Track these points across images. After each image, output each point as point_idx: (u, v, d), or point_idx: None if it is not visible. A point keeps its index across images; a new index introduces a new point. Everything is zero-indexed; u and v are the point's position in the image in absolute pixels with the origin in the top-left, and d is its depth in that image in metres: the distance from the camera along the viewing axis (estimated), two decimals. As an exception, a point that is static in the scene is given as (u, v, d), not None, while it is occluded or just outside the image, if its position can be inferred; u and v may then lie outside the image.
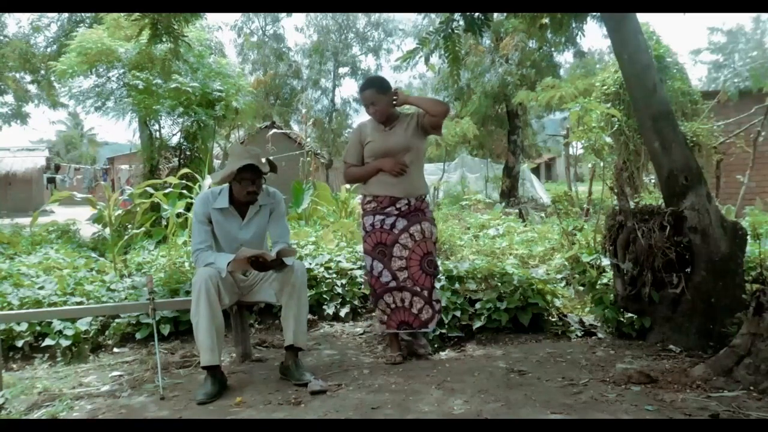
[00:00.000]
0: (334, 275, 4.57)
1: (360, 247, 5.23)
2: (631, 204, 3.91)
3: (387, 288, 3.36)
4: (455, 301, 3.81)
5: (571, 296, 4.37)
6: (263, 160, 3.14)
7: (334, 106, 28.05)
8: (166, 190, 6.61)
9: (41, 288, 4.18)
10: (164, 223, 6.69)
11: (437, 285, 3.53)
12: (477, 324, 3.71)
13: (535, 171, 25.78)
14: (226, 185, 3.15)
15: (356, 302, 4.52)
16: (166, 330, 3.86)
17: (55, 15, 13.97)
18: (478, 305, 3.80)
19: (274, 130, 15.22)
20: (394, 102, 3.41)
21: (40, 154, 26.37)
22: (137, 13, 4.26)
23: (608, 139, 6.19)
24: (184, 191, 6.63)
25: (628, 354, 3.31)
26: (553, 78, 13.91)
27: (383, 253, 3.37)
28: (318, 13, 25.73)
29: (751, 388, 2.58)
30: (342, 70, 28.32)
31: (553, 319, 3.93)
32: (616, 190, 3.91)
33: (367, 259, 3.44)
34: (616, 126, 8.27)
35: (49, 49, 14.27)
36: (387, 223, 3.36)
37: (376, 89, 3.37)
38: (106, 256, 5.95)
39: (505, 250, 5.98)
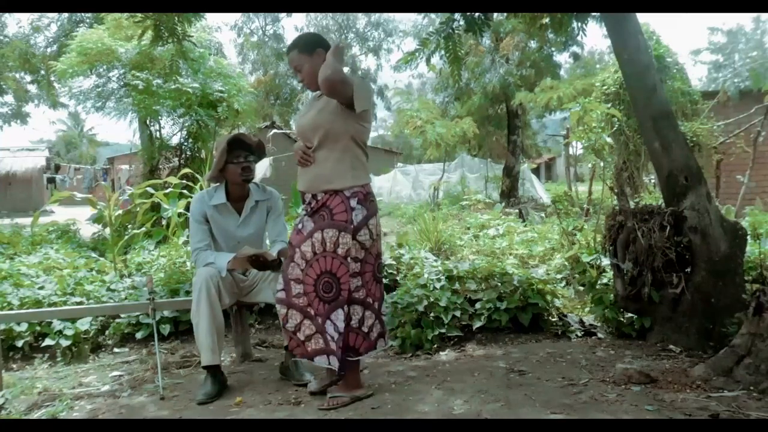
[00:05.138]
0: (334, 275, 4.56)
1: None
2: (631, 204, 3.91)
3: (276, 298, 2.78)
4: (455, 301, 3.81)
5: (571, 296, 4.37)
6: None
7: (334, 106, 28.00)
8: (167, 190, 6.61)
9: (41, 288, 4.18)
10: (164, 223, 6.69)
11: (343, 318, 2.61)
12: (477, 324, 3.71)
13: (535, 171, 25.79)
14: (222, 184, 3.17)
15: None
16: (166, 330, 3.86)
17: (55, 15, 13.98)
18: (478, 305, 3.80)
19: (274, 130, 15.24)
20: None
21: (40, 154, 26.35)
22: (140, 15, 4.26)
23: (608, 139, 6.19)
24: (185, 191, 6.63)
25: (628, 354, 3.31)
26: (553, 78, 13.91)
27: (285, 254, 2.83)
28: (318, 13, 25.76)
29: (751, 388, 2.58)
30: (342, 70, 28.30)
31: (553, 319, 3.93)
32: (616, 190, 3.91)
33: None
34: (616, 126, 8.27)
35: (49, 49, 14.29)
36: (302, 221, 2.75)
37: (298, 50, 2.70)
38: (106, 256, 5.95)
39: (505, 250, 5.98)
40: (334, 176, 2.62)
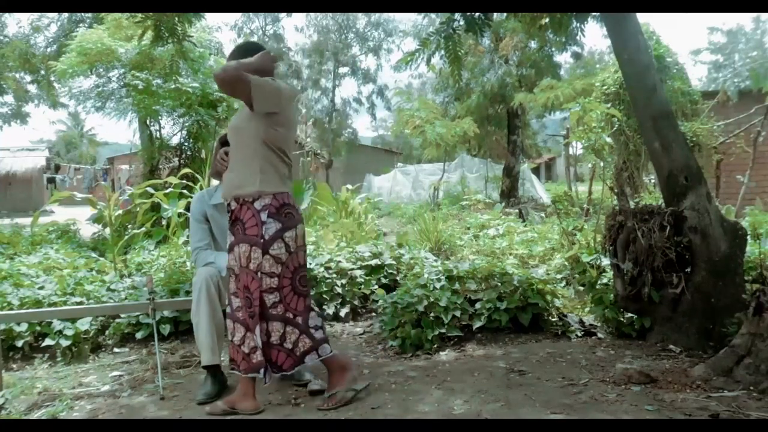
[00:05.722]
0: (334, 275, 4.57)
1: (360, 248, 5.24)
2: (631, 204, 3.91)
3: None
4: (455, 301, 3.81)
5: (571, 296, 4.37)
6: None
7: (334, 106, 28.14)
8: (167, 190, 6.61)
9: (41, 288, 4.17)
10: (164, 223, 6.70)
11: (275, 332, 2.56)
12: (477, 324, 3.71)
13: (535, 171, 25.79)
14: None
15: (356, 302, 4.52)
16: (166, 330, 3.86)
17: (55, 15, 14.00)
18: (478, 305, 3.80)
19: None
20: None
21: (40, 154, 26.34)
22: (140, 15, 4.27)
23: (608, 139, 6.19)
24: (185, 191, 6.63)
25: (628, 354, 3.31)
26: (553, 78, 13.89)
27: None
28: (318, 13, 25.78)
29: (751, 388, 2.58)
30: (342, 70, 28.41)
31: (553, 319, 3.93)
32: (616, 190, 3.91)
33: None
34: (616, 126, 8.27)
35: (49, 49, 14.30)
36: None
37: (234, 59, 2.67)
38: (106, 256, 5.95)
39: (505, 250, 5.98)
40: (242, 181, 2.57)
